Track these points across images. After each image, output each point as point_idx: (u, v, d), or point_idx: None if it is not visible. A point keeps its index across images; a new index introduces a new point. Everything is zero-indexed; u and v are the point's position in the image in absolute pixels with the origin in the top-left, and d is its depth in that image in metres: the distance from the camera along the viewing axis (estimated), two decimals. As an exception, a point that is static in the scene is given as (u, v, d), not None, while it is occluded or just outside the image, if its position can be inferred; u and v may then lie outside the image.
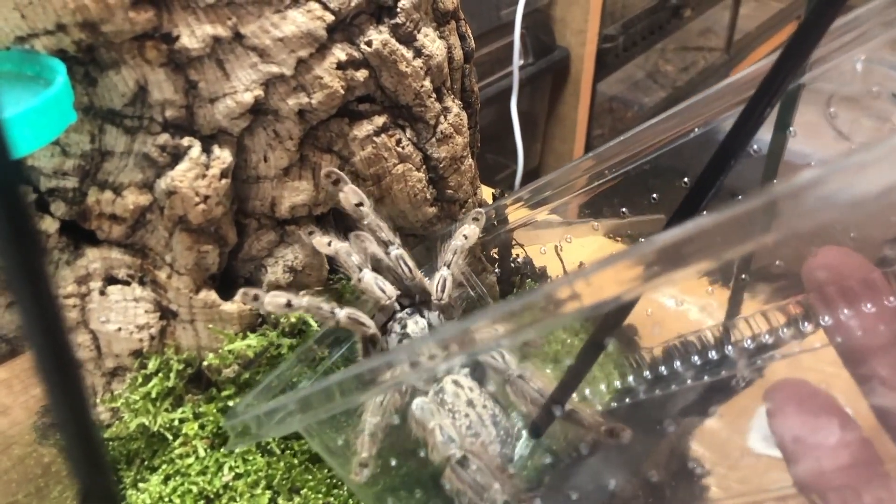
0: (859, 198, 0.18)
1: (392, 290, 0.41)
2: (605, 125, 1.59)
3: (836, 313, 0.32)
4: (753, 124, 0.35)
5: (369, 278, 0.41)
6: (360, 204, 0.42)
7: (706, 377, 0.46)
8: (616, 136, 0.46)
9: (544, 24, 1.35)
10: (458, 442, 0.37)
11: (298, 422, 0.35)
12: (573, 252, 0.55)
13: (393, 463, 0.41)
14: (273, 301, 0.39)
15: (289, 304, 0.39)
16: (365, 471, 0.38)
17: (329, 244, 0.41)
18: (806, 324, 0.40)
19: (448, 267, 0.43)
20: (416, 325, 0.42)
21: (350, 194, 0.42)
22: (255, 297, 0.39)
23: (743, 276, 0.47)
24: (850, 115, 0.42)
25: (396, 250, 0.42)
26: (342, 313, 0.39)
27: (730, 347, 0.45)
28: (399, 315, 0.43)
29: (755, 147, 0.44)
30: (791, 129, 0.44)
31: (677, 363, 0.46)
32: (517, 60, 1.20)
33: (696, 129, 0.43)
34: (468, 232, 0.44)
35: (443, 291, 0.42)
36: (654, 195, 0.47)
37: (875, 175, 0.18)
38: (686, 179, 0.45)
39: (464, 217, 0.47)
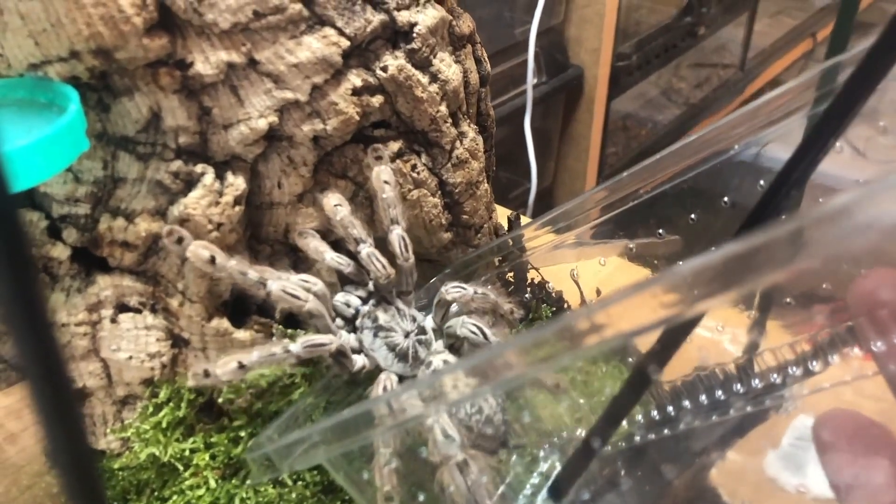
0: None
1: (306, 294, 0.40)
2: (618, 143, 1.58)
3: (889, 338, 0.30)
4: (816, 154, 0.33)
5: (277, 289, 0.39)
6: (339, 205, 0.41)
7: (735, 409, 0.45)
8: (630, 153, 0.46)
9: (558, 43, 1.35)
10: (459, 441, 0.36)
11: (322, 454, 0.34)
12: (592, 274, 0.54)
13: (421, 498, 0.40)
14: (225, 370, 0.37)
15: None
16: None
17: (212, 260, 0.38)
18: (855, 349, 0.39)
19: (396, 223, 0.41)
20: (385, 313, 0.42)
21: (331, 197, 0.42)
22: (207, 375, 0.38)
23: (787, 299, 0.46)
24: (866, 133, 0.42)
25: (368, 248, 0.41)
26: (297, 348, 0.38)
27: (764, 377, 0.44)
28: (365, 309, 0.42)
29: (762, 182, 0.43)
30: (839, 143, 0.43)
31: (693, 400, 0.45)
32: (531, 79, 1.20)
33: (736, 146, 0.42)
34: (386, 176, 0.42)
35: (407, 250, 0.41)
36: (693, 215, 0.46)
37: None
38: (726, 199, 0.44)
39: (367, 162, 0.43)
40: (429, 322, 0.43)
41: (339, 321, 0.42)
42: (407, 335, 0.42)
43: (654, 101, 1.74)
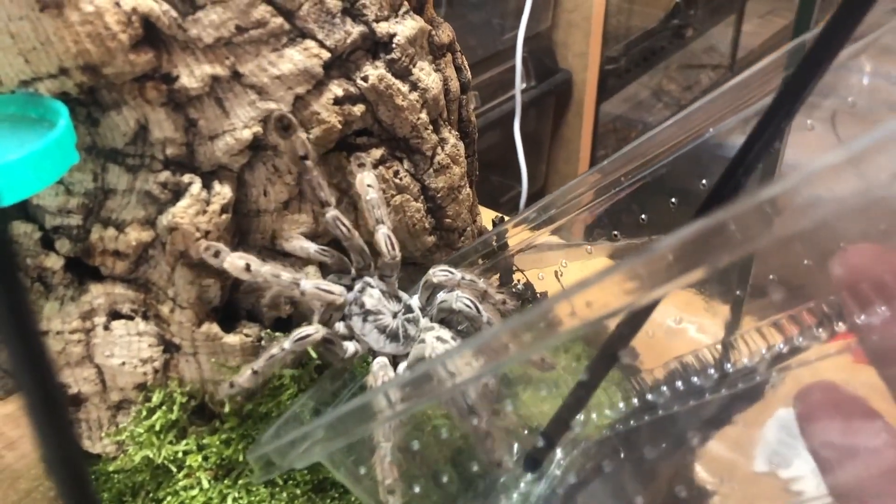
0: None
1: (339, 288, 0.42)
2: (609, 145, 1.59)
3: (872, 312, 0.30)
4: (765, 142, 0.34)
5: (311, 287, 0.41)
6: (306, 157, 0.41)
7: (710, 395, 0.45)
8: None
9: (546, 48, 1.36)
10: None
11: (322, 450, 0.35)
12: (578, 272, 0.55)
13: (416, 490, 0.41)
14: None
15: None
16: (391, 498, 0.39)
17: (247, 268, 0.40)
18: (839, 324, 0.40)
19: (382, 223, 0.43)
20: (371, 298, 0.43)
21: (297, 144, 0.41)
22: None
23: (771, 276, 0.46)
24: (858, 131, 0.42)
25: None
26: (289, 344, 0.39)
27: (752, 356, 0.44)
28: (351, 297, 0.43)
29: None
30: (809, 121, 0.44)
31: (685, 381, 0.46)
32: (519, 84, 1.21)
33: (711, 130, 0.43)
34: (369, 181, 0.43)
35: (393, 248, 0.43)
36: (673, 199, 0.46)
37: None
38: (704, 181, 0.45)
39: (350, 169, 0.45)
40: (415, 301, 0.45)
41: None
42: (395, 315, 0.43)
43: (644, 103, 1.75)
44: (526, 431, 0.48)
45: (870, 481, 0.28)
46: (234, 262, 0.40)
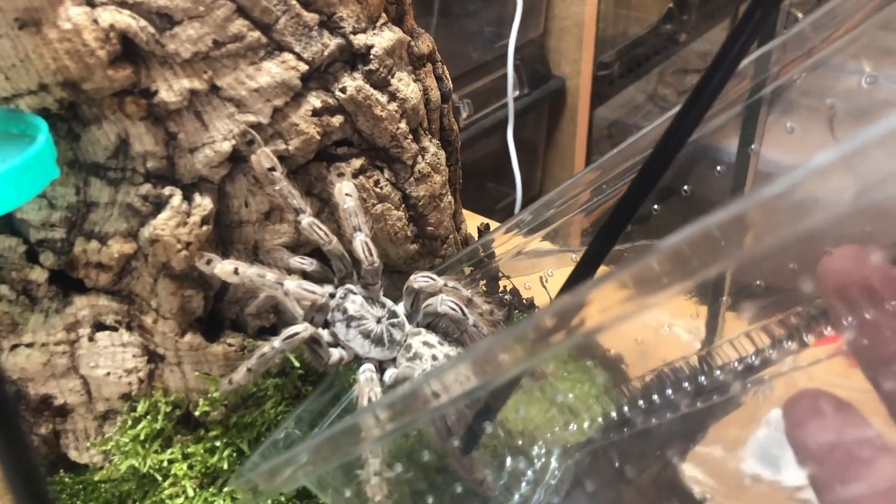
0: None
1: (322, 289, 0.42)
2: (603, 151, 1.59)
3: (859, 315, 0.30)
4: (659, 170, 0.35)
5: (294, 286, 0.41)
6: (273, 169, 0.42)
7: (700, 402, 0.46)
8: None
9: (539, 55, 1.37)
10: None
11: (310, 473, 0.35)
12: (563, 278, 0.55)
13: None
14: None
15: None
16: None
17: (235, 271, 0.41)
18: (827, 328, 0.40)
19: (359, 230, 0.43)
20: (354, 304, 0.43)
21: (262, 157, 0.41)
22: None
23: (758, 282, 0.46)
24: (840, 133, 0.43)
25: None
26: (279, 343, 0.40)
27: (742, 361, 0.45)
28: (333, 304, 0.43)
29: (718, 168, 0.45)
30: (752, 146, 0.44)
31: (675, 387, 0.46)
32: (511, 91, 1.22)
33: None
34: (348, 189, 0.44)
35: (371, 254, 0.43)
36: (656, 206, 0.47)
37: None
38: (686, 188, 0.45)
39: (330, 179, 0.46)
40: (400, 307, 0.45)
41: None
42: (379, 320, 0.43)
43: (639, 109, 1.75)
44: (519, 441, 0.49)
45: (860, 492, 0.28)
46: (224, 266, 0.41)
